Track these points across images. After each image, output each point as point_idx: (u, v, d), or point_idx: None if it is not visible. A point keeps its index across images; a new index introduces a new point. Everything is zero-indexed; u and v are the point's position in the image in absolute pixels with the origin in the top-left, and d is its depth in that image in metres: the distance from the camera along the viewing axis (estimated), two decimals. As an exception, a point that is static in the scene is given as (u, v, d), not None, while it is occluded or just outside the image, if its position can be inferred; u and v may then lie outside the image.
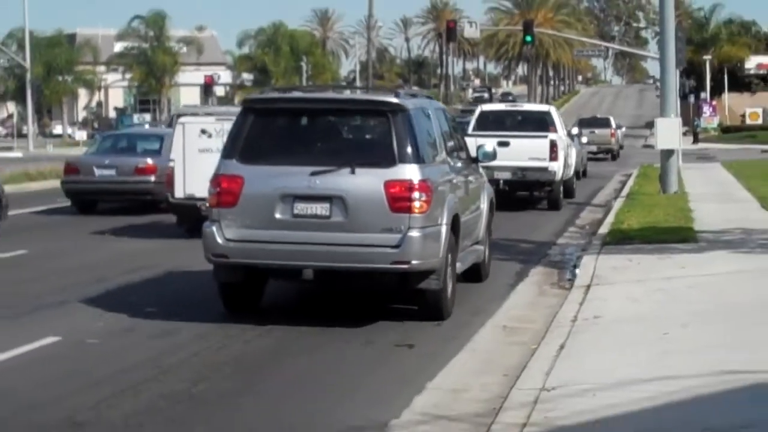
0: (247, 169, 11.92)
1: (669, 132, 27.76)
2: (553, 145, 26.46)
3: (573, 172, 30.32)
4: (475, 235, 14.49)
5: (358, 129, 12.79)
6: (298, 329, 11.85)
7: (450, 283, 12.38)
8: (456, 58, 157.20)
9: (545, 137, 26.68)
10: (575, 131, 37.16)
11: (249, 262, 11.99)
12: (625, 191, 29.97)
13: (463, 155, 14.48)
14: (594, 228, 21.56)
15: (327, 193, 11.69)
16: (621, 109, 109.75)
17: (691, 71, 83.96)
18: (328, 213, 11.69)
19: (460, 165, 13.85)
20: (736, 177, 33.65)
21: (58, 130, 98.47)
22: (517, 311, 13.07)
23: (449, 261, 12.27)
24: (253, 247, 11.83)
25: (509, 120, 28.67)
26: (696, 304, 12.33)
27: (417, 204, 11.58)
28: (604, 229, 20.11)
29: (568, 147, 28.84)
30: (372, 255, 11.61)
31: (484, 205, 15.04)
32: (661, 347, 10.03)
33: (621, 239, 18.05)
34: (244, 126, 12.20)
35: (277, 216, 11.77)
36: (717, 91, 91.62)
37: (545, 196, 27.12)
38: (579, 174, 34.47)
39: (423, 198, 11.62)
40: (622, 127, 64.89)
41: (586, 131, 47.47)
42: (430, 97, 15.36)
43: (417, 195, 11.58)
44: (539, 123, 27.69)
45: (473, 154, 15.07)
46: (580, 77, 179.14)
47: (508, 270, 16.04)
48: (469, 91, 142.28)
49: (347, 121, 12.70)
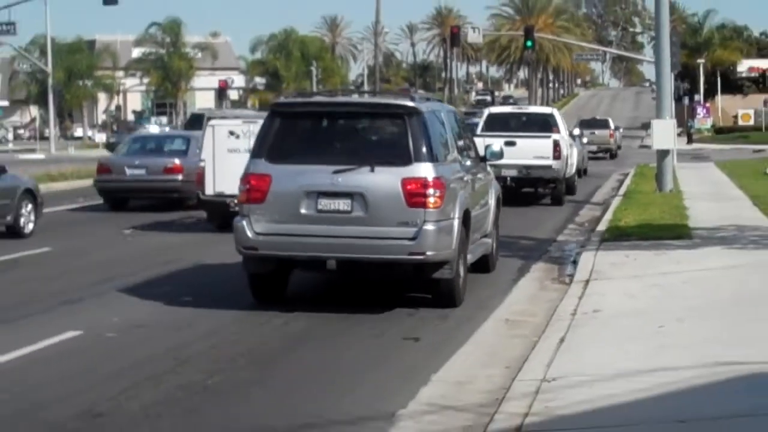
0: (275, 168, 12.33)
1: (664, 133, 27.82)
2: (556, 145, 27.13)
3: (575, 170, 30.92)
4: (484, 229, 14.85)
5: (376, 130, 13.14)
6: (308, 324, 11.88)
7: (462, 273, 12.78)
8: (460, 62, 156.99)
9: (549, 137, 27.36)
10: (577, 132, 37.55)
11: (277, 253, 12.40)
12: (623, 190, 29.96)
13: (473, 154, 14.94)
14: (593, 225, 21.53)
15: (348, 190, 12.08)
16: (618, 111, 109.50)
17: (686, 74, 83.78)
18: (349, 208, 12.10)
19: (469, 163, 14.27)
20: (728, 176, 33.59)
21: (78, 132, 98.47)
22: (519, 305, 13.07)
23: (461, 252, 12.66)
24: (281, 240, 12.25)
25: (515, 121, 29.33)
26: (691, 298, 12.31)
27: (431, 200, 11.99)
28: (602, 227, 20.09)
29: (569, 147, 29.54)
30: (390, 247, 12.02)
31: (492, 201, 15.47)
32: (657, 340, 10.01)
33: (619, 236, 18.03)
34: (271, 128, 12.64)
35: (303, 211, 12.17)
36: (710, 94, 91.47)
37: (549, 192, 27.64)
38: (580, 172, 34.98)
39: (437, 194, 12.02)
40: (620, 128, 65.01)
41: (586, 132, 47.60)
42: (441, 101, 15.70)
43: (431, 191, 11.99)
44: (543, 124, 28.53)
45: (482, 153, 15.57)
46: (579, 80, 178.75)
47: (510, 266, 16.03)
48: (473, 94, 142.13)
49: (366, 123, 13.11)
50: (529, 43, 55.39)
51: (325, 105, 13.52)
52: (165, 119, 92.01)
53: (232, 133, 20.39)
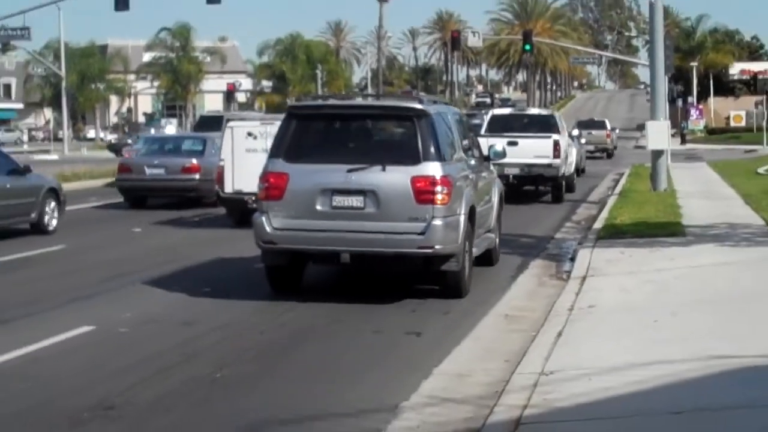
0: (292, 167, 12.61)
1: (659, 134, 27.90)
2: (556, 145, 27.57)
3: (573, 169, 31.38)
4: (488, 224, 15.14)
5: (387, 131, 13.46)
6: (312, 320, 11.88)
7: (468, 265, 13.08)
8: (460, 65, 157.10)
9: (549, 137, 27.80)
10: (575, 132, 37.84)
11: (294, 247, 12.71)
12: (618, 189, 29.97)
13: (477, 154, 15.25)
14: (589, 223, 21.52)
15: (361, 188, 12.38)
16: (614, 113, 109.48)
17: (679, 77, 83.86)
18: (362, 205, 12.39)
19: (474, 162, 14.58)
20: (721, 175, 33.59)
21: (91, 134, 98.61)
22: (518, 301, 13.06)
23: (467, 246, 13.01)
24: (298, 235, 12.56)
25: (517, 123, 29.69)
26: (684, 294, 12.30)
27: (439, 197, 12.31)
28: (598, 224, 20.07)
29: (569, 146, 29.99)
30: (400, 241, 12.32)
31: (495, 198, 15.85)
32: (652, 335, 10.00)
33: (614, 234, 18.03)
34: (288, 129, 12.92)
35: (318, 207, 12.46)
36: (703, 96, 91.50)
37: (549, 189, 28.00)
38: (579, 171, 35.36)
39: (444, 191, 12.33)
40: (616, 129, 65.11)
41: (584, 132, 47.75)
42: (448, 104, 16.20)
43: (439, 189, 12.31)
44: (544, 125, 29.00)
45: (486, 152, 15.97)
46: (575, 83, 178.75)
47: (510, 262, 16.03)
48: (473, 97, 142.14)
49: (378, 125, 13.42)
50: (528, 47, 55.47)
51: (339, 108, 13.88)
52: (175, 120, 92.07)
53: (250, 134, 20.72)
